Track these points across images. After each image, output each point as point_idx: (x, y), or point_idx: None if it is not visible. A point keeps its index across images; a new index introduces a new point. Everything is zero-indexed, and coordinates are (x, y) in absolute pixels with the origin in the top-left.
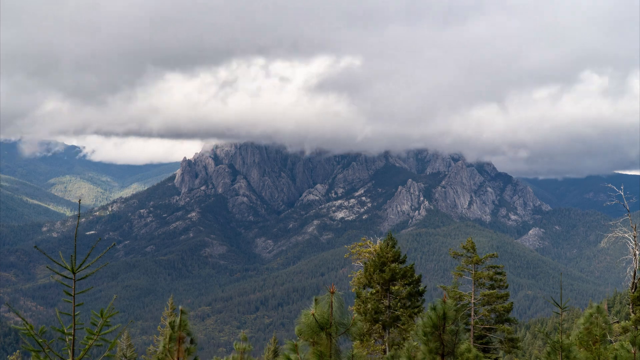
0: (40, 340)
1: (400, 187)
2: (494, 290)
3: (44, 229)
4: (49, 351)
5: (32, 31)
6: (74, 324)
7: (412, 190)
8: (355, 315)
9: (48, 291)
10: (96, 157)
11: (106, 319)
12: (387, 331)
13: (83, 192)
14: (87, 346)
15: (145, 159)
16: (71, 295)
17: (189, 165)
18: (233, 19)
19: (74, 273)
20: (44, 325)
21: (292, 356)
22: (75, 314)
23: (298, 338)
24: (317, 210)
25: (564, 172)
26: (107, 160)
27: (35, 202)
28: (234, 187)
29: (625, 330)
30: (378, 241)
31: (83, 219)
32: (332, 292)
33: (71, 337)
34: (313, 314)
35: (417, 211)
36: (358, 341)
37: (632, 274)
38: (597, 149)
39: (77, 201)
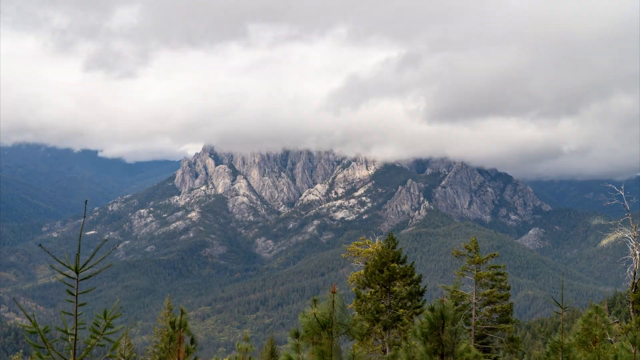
0: (44, 338)
1: (400, 187)
2: (495, 290)
3: (44, 229)
4: (52, 350)
5: None
6: (76, 324)
7: (412, 190)
8: (356, 314)
9: (48, 291)
10: (96, 157)
11: (109, 320)
12: (387, 331)
13: (83, 191)
14: (89, 346)
15: (146, 158)
16: (74, 294)
17: (189, 165)
18: None
19: (77, 273)
20: (48, 325)
21: (294, 355)
22: (78, 313)
23: (296, 339)
24: (317, 210)
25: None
26: (108, 160)
27: (36, 202)
28: (234, 187)
29: (627, 331)
30: (377, 240)
31: (83, 219)
32: (334, 292)
33: (73, 337)
34: (314, 314)
35: (417, 211)
36: (358, 341)
37: (632, 274)
38: None
39: (77, 201)
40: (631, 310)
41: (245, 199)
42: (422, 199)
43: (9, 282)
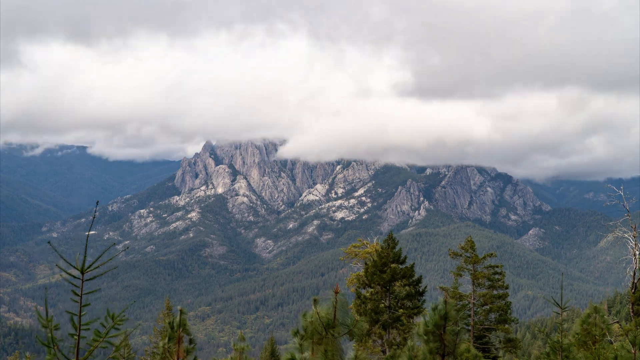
0: (54, 337)
1: (400, 187)
2: (493, 290)
3: (44, 229)
4: (57, 350)
5: None
6: (80, 324)
7: (412, 190)
8: (357, 315)
9: (48, 291)
10: (96, 157)
11: (116, 322)
12: (387, 331)
13: (83, 191)
14: (92, 347)
15: (146, 158)
16: (79, 295)
17: (189, 165)
18: None
19: (82, 273)
20: (58, 323)
21: (297, 355)
22: (82, 314)
23: (295, 339)
24: (317, 211)
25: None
26: (107, 160)
27: (36, 202)
28: (234, 187)
29: (627, 331)
30: (375, 240)
31: (83, 219)
32: (337, 292)
33: (76, 337)
34: (318, 313)
35: (417, 211)
36: (358, 342)
37: (632, 274)
38: None
39: (77, 201)
40: (631, 311)
41: (245, 199)
42: (422, 199)
43: (9, 282)
